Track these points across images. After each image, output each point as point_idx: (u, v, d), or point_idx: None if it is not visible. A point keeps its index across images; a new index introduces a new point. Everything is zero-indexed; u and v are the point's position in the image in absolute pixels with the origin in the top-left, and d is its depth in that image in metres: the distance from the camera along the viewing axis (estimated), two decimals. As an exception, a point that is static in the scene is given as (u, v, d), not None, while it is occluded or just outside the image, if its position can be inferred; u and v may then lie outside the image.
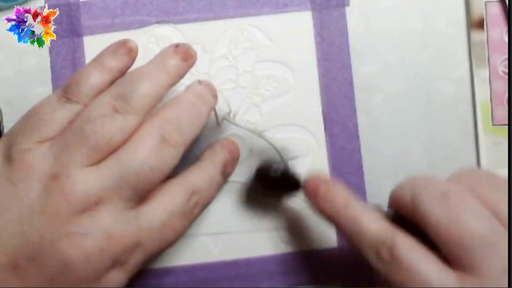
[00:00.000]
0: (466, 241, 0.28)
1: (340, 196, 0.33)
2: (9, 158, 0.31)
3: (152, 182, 0.31)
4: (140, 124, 0.31)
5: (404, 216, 0.30)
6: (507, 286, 0.27)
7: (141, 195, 0.31)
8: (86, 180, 0.30)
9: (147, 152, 0.30)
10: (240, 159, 0.38)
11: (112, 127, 0.30)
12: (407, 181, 0.31)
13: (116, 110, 0.31)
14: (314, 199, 0.33)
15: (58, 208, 0.29)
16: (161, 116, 0.32)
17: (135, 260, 0.31)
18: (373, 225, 0.31)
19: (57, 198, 0.29)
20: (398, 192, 0.31)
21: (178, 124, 0.32)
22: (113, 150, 0.30)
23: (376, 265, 0.30)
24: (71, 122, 0.31)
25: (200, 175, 0.34)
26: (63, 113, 0.31)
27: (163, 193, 0.32)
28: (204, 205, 0.34)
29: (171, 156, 0.31)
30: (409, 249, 0.29)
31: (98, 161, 0.30)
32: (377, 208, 0.33)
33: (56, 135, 0.31)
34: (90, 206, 0.29)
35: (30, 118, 0.32)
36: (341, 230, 0.32)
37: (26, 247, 0.29)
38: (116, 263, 0.30)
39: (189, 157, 0.37)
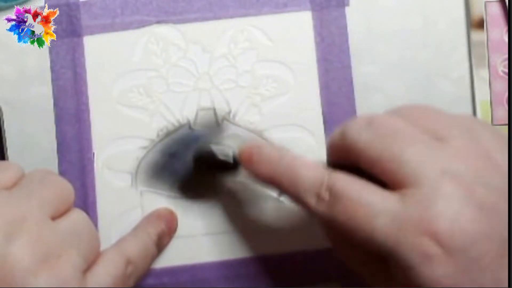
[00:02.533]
0: (397, 158, 0.27)
1: (273, 152, 0.32)
2: None
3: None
4: None
5: (342, 164, 0.30)
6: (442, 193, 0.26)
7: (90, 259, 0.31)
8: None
9: None
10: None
11: None
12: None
13: None
14: (250, 166, 0.33)
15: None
16: None
17: None
18: (309, 170, 0.30)
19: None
20: (330, 138, 0.31)
21: None
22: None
23: (318, 209, 0.29)
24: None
25: (135, 245, 0.34)
26: None
27: (106, 260, 0.31)
28: (137, 276, 0.34)
29: None
30: (347, 183, 0.28)
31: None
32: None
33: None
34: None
35: None
36: (279, 186, 0.31)
37: None
38: None
39: (187, 159, 0.37)
